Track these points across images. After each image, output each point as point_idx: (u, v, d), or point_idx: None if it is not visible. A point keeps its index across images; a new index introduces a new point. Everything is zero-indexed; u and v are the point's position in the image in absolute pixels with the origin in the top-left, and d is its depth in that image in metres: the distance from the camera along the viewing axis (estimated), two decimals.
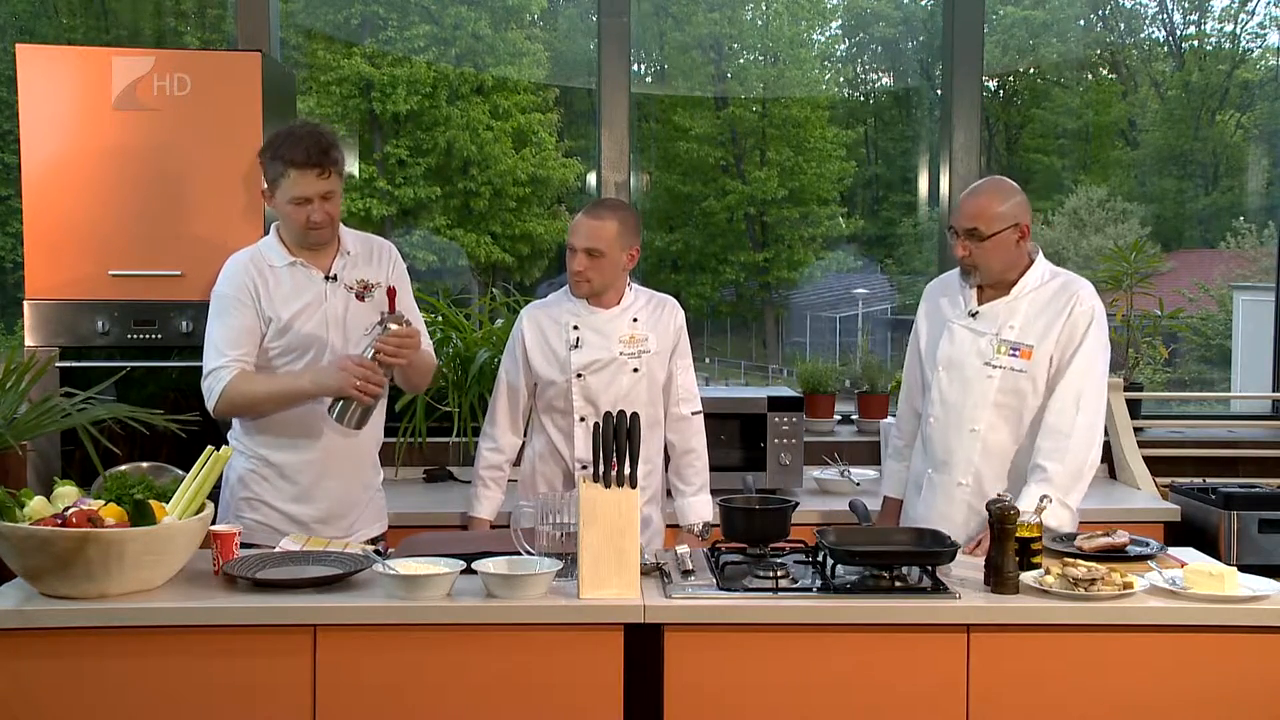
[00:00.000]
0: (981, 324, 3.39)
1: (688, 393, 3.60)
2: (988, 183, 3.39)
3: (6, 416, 3.32)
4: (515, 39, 11.57)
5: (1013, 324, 3.36)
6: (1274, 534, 3.95)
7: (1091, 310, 3.33)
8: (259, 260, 3.30)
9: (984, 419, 3.36)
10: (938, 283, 3.61)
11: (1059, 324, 3.32)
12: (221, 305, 3.26)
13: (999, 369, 3.35)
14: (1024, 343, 3.34)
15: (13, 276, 8.49)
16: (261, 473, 3.31)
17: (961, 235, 3.32)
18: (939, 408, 3.43)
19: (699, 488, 3.59)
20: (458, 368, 4.43)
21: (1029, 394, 3.34)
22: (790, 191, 11.52)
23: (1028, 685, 2.76)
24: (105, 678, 2.68)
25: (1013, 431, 3.36)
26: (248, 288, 3.25)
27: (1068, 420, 3.25)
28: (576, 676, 2.73)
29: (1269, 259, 6.83)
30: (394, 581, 2.73)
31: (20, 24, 9.01)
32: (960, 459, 3.39)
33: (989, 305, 3.40)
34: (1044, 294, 3.37)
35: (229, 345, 3.22)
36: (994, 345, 3.36)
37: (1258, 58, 11.21)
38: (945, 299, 3.52)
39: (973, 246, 3.31)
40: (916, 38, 11.95)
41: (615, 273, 3.46)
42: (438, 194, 11.01)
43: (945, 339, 3.45)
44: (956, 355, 3.41)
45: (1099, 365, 3.31)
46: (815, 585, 2.85)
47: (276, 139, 3.22)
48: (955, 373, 3.41)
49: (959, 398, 3.39)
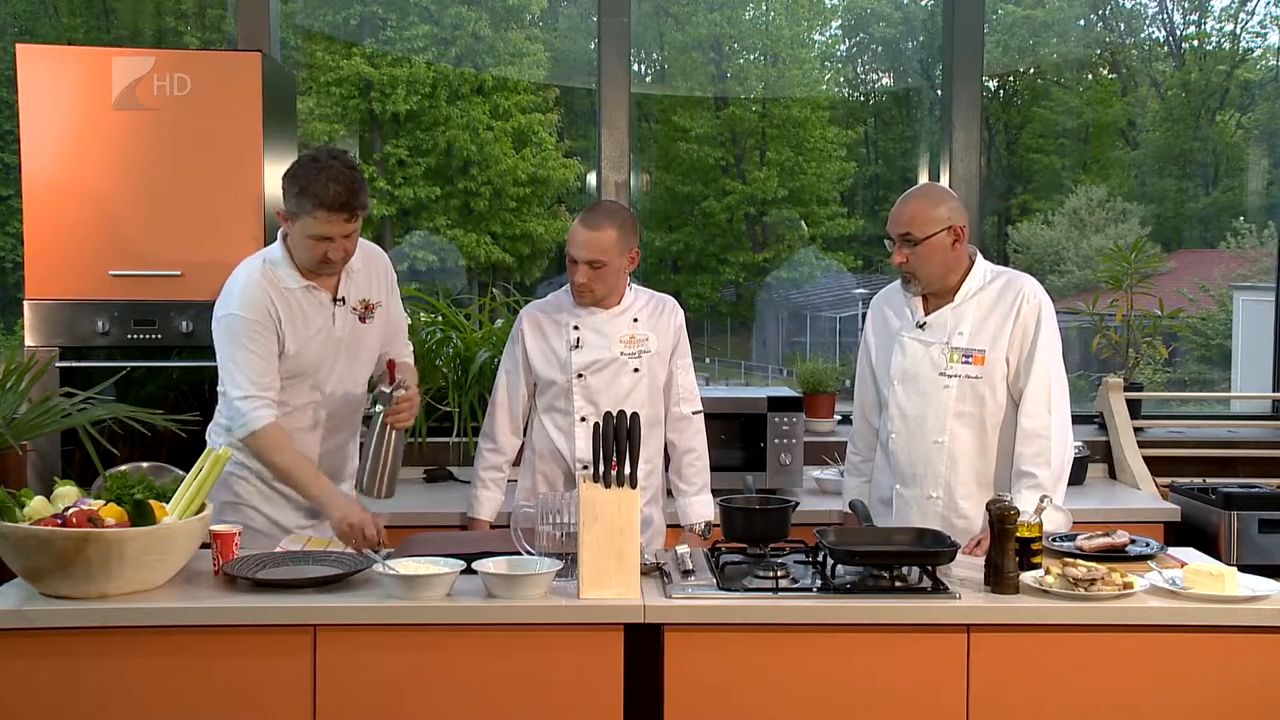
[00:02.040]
0: (930, 334, 3.38)
1: (688, 392, 3.60)
2: (919, 188, 3.44)
3: (6, 416, 3.32)
4: (515, 39, 11.57)
5: (961, 330, 3.34)
6: (1274, 534, 3.95)
7: (1039, 306, 3.32)
8: (273, 280, 3.22)
9: (947, 429, 3.34)
10: (882, 296, 3.58)
11: (1009, 325, 3.31)
12: (245, 329, 3.16)
13: (954, 378, 3.33)
14: (975, 348, 3.33)
15: (13, 276, 8.49)
16: (242, 475, 3.32)
17: (897, 242, 3.32)
18: (899, 422, 3.41)
19: (700, 487, 3.59)
20: (458, 368, 4.43)
21: (988, 399, 3.33)
22: (790, 191, 11.52)
23: (1028, 685, 2.76)
24: (105, 678, 2.68)
25: (976, 438, 3.35)
26: (269, 312, 3.19)
27: (1043, 423, 3.25)
28: (576, 676, 2.73)
29: (1269, 259, 6.84)
30: (394, 581, 2.73)
31: (20, 24, 9.01)
32: (928, 472, 3.37)
33: (935, 314, 3.38)
34: (988, 296, 3.36)
35: (259, 374, 3.16)
36: (946, 354, 3.35)
37: (1258, 57, 11.22)
38: (891, 311, 3.50)
39: (909, 253, 3.30)
40: (916, 38, 11.95)
41: (617, 279, 3.46)
42: (437, 194, 11.01)
43: (897, 352, 3.42)
44: (910, 368, 3.39)
45: (1058, 359, 3.32)
46: (815, 585, 2.85)
47: (306, 172, 3.09)
48: (911, 386, 3.39)
49: (918, 410, 3.37)
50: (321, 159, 3.10)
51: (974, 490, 3.33)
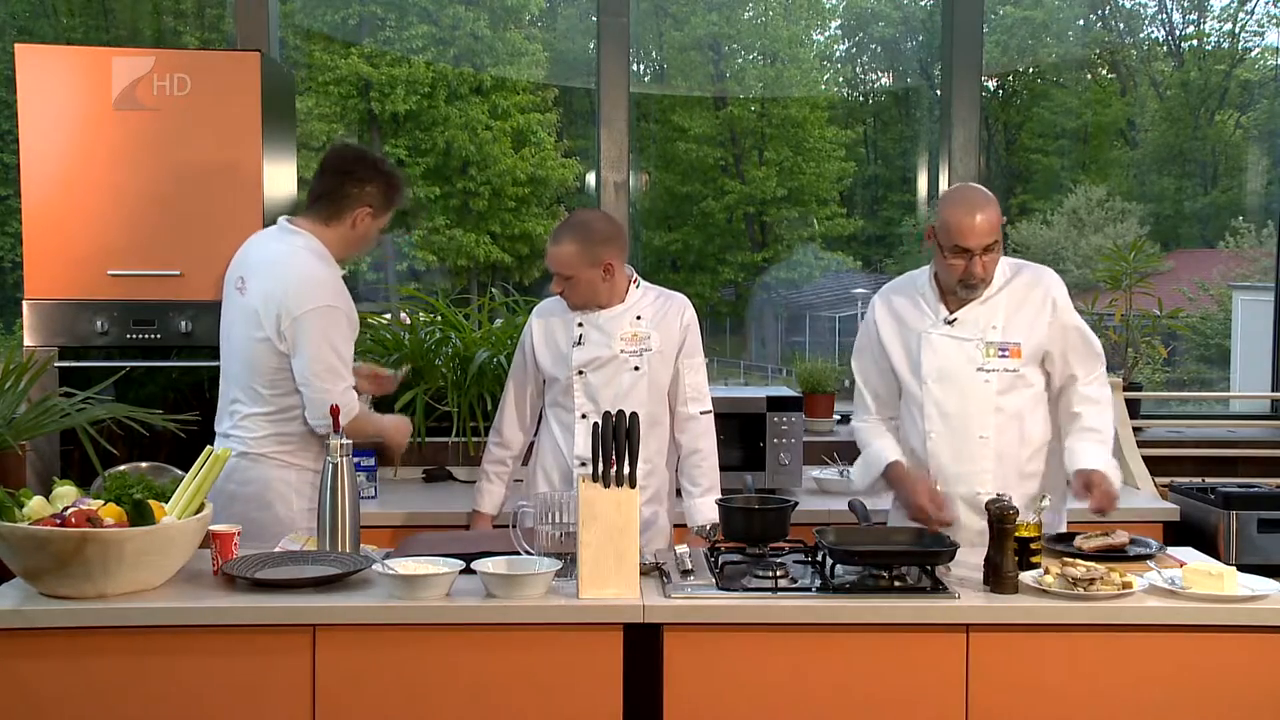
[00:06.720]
0: (962, 330, 3.34)
1: (696, 392, 3.57)
2: (979, 194, 3.31)
3: (6, 416, 3.32)
4: (514, 39, 11.58)
5: (995, 324, 3.32)
6: (1273, 534, 3.95)
7: (1064, 293, 3.36)
8: (336, 269, 3.38)
9: (991, 424, 3.32)
10: (890, 291, 3.50)
11: (1043, 319, 3.31)
12: (344, 318, 3.30)
13: (993, 372, 3.31)
14: (1010, 341, 3.31)
15: (12, 276, 8.50)
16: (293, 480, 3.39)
17: (979, 254, 3.24)
18: (938, 421, 3.36)
19: (706, 489, 3.54)
20: (457, 368, 4.42)
21: (1025, 392, 3.33)
22: (789, 191, 11.54)
23: (1027, 685, 2.76)
24: (105, 678, 2.68)
25: (1017, 431, 3.34)
26: (346, 298, 3.35)
27: (1102, 391, 3.34)
28: (576, 676, 2.73)
29: (1268, 258, 6.83)
30: (393, 581, 2.73)
31: (20, 24, 9.02)
32: (974, 470, 3.32)
33: (965, 310, 3.34)
34: (1017, 289, 3.35)
35: (350, 359, 3.36)
36: (982, 349, 3.32)
37: (1257, 57, 11.23)
38: (904, 308, 3.43)
39: (987, 260, 3.25)
40: (916, 38, 11.96)
41: (593, 288, 3.45)
42: (437, 194, 11.02)
43: (926, 350, 3.37)
44: (945, 365, 3.35)
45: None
46: (814, 585, 2.85)
47: (396, 174, 3.46)
48: (948, 383, 3.35)
49: (959, 408, 3.34)
50: (384, 157, 3.58)
51: (1015, 483, 3.30)
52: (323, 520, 3.03)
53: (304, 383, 3.26)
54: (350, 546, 3.04)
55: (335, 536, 3.02)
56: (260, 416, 3.33)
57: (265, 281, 3.30)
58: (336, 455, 3.02)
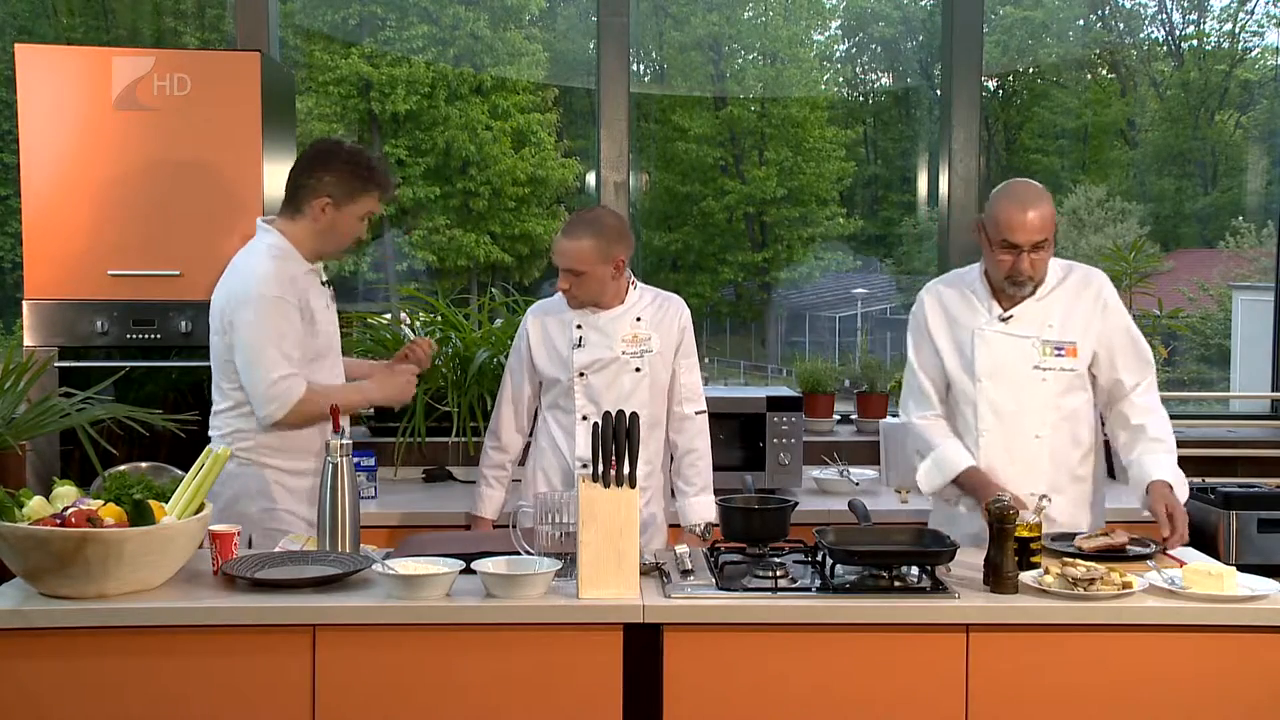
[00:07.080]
0: (1017, 327, 3.29)
1: (691, 392, 3.59)
2: (1031, 190, 3.23)
3: (5, 416, 3.32)
4: (514, 39, 11.58)
5: (1051, 323, 3.28)
6: (1273, 534, 3.95)
7: (1114, 294, 3.35)
8: (291, 263, 3.28)
9: (1047, 423, 3.28)
10: (940, 287, 3.44)
11: (1096, 319, 3.29)
12: (277, 308, 3.20)
13: (1050, 370, 3.28)
14: (1067, 340, 3.28)
15: (12, 276, 8.50)
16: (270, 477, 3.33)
17: (1028, 250, 3.18)
18: (991, 419, 3.31)
19: (700, 488, 3.57)
20: (457, 368, 4.42)
21: (1081, 392, 3.31)
22: (789, 191, 11.54)
23: (1027, 685, 2.76)
24: (104, 678, 2.68)
25: (1071, 434, 3.31)
26: (296, 290, 3.25)
27: (1154, 399, 3.33)
28: (576, 676, 2.73)
29: (1268, 259, 6.83)
30: (393, 581, 2.72)
31: (20, 24, 9.02)
32: (1029, 470, 3.28)
33: (1020, 308, 3.29)
34: (1070, 289, 3.31)
35: (293, 348, 3.22)
36: (1038, 348, 3.28)
37: (1257, 57, 11.23)
38: (955, 305, 3.38)
39: (1037, 257, 3.20)
40: (916, 38, 11.96)
41: (602, 285, 3.45)
42: (437, 194, 11.03)
43: (980, 348, 3.31)
44: (1001, 363, 3.30)
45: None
46: (814, 585, 2.85)
47: (365, 160, 3.35)
48: (1003, 382, 3.30)
49: (1014, 406, 3.29)
50: (357, 147, 3.41)
51: (1066, 484, 3.29)
52: (323, 520, 3.02)
53: (240, 373, 3.26)
54: (350, 546, 3.03)
55: (335, 536, 3.02)
56: (225, 413, 3.34)
57: (222, 281, 3.35)
58: (336, 455, 3.01)
